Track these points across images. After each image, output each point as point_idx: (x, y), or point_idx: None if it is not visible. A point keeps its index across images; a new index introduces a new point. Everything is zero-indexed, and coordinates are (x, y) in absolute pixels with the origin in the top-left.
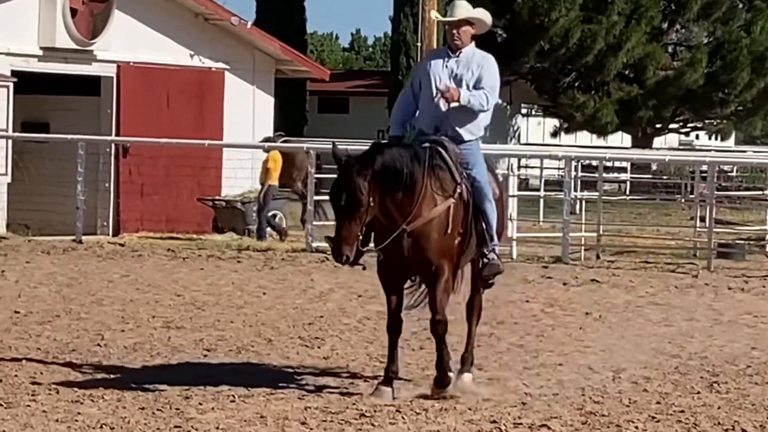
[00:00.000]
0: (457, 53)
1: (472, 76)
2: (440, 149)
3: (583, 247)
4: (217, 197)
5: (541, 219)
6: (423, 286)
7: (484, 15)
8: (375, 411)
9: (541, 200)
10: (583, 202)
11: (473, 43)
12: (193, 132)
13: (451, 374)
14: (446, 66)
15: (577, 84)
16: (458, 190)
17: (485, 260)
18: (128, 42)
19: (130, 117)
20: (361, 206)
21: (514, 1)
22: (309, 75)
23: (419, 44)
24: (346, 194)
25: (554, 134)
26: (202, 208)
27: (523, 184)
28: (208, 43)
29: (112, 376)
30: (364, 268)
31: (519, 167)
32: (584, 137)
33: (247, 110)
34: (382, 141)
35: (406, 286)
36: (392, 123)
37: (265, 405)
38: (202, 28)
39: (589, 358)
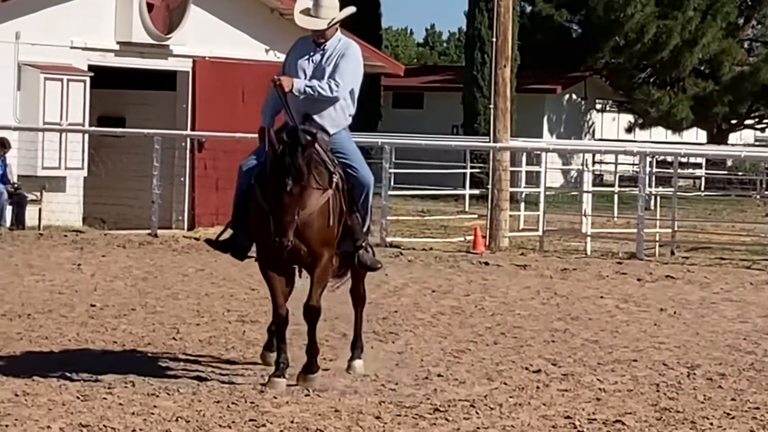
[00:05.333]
0: (322, 46)
1: (332, 66)
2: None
3: (657, 243)
4: None
5: (616, 215)
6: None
7: (349, 11)
8: (449, 406)
9: (616, 196)
10: (658, 198)
11: (338, 32)
12: None
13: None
14: (311, 60)
15: (652, 80)
16: (334, 179)
17: (359, 251)
18: (204, 37)
19: (205, 112)
20: (304, 191)
21: None
22: (383, 70)
23: (494, 39)
24: (293, 179)
25: (629, 130)
26: None
27: (598, 179)
28: (283, 37)
29: (187, 369)
30: (256, 259)
31: (594, 163)
32: (659, 133)
33: None
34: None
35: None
36: (263, 114)
37: (340, 399)
38: (277, 23)
39: (663, 355)
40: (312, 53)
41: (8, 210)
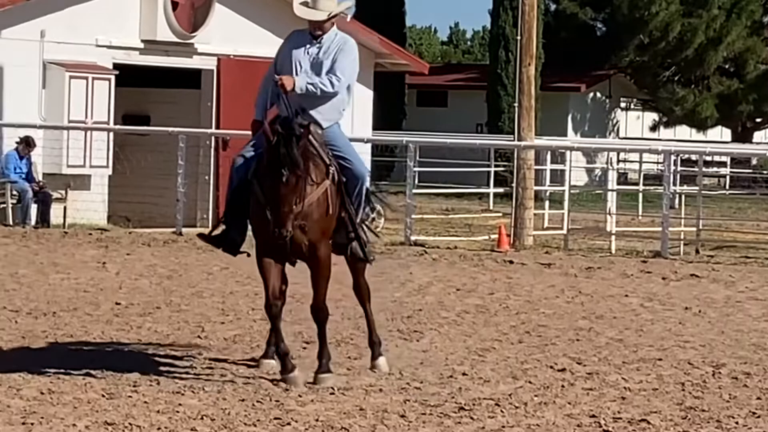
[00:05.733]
0: (319, 39)
1: (331, 61)
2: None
3: (682, 242)
4: None
5: (640, 213)
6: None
7: (347, 5)
8: (474, 404)
9: (640, 194)
10: (683, 197)
11: (335, 27)
12: None
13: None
14: (308, 52)
15: (676, 78)
16: (331, 171)
17: (352, 244)
18: (228, 35)
19: (229, 110)
20: (300, 182)
21: None
22: (408, 68)
23: (519, 37)
24: (288, 169)
25: (653, 128)
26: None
27: (622, 178)
28: None
29: (212, 367)
30: (248, 255)
31: (618, 161)
32: (683, 131)
33: None
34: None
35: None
36: (256, 107)
37: (365, 398)
38: (302, 21)
39: (688, 353)
40: (308, 45)
41: (33, 208)
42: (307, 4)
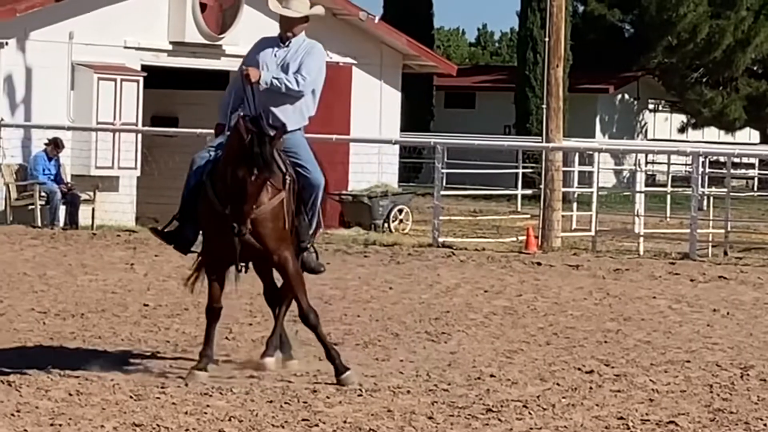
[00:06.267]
0: (287, 43)
1: (298, 63)
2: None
3: (710, 244)
4: (344, 192)
5: (668, 215)
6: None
7: (319, 11)
8: (502, 406)
9: (668, 196)
10: (711, 199)
11: (304, 33)
12: (320, 127)
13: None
14: (275, 55)
15: (704, 80)
16: (287, 180)
17: (304, 253)
18: (256, 37)
19: None
20: (266, 183)
21: None
22: (436, 70)
23: (546, 39)
24: (260, 168)
25: (681, 130)
26: (328, 203)
27: (650, 179)
28: (336, 38)
29: (240, 369)
30: (199, 255)
31: (646, 163)
32: (711, 133)
33: (374, 105)
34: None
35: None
36: (220, 111)
37: (392, 399)
38: (330, 23)
39: (716, 355)
40: (276, 48)
41: (62, 209)
42: (279, 6)
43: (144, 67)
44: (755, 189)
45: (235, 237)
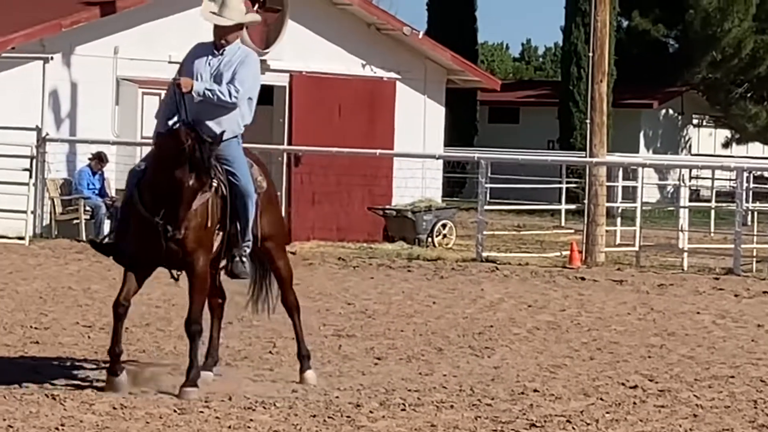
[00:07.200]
0: (221, 51)
1: (231, 72)
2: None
3: (755, 259)
4: (388, 206)
5: (713, 230)
6: (264, 292)
7: (254, 18)
8: (545, 421)
9: (713, 211)
10: (755, 214)
11: (238, 40)
12: (364, 141)
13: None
14: (209, 63)
15: (749, 95)
16: (214, 183)
17: (234, 260)
18: (301, 52)
19: (302, 126)
20: (202, 188)
21: (686, 11)
22: (479, 85)
23: (590, 54)
24: (198, 172)
25: (726, 145)
26: (372, 217)
27: (694, 195)
28: (380, 52)
29: (283, 383)
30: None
31: (690, 178)
32: (756, 148)
33: (418, 120)
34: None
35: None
36: (158, 119)
37: (436, 414)
38: (374, 37)
39: (761, 371)
40: (210, 57)
41: (106, 224)
42: (215, 13)
43: None
44: None
45: (164, 242)
